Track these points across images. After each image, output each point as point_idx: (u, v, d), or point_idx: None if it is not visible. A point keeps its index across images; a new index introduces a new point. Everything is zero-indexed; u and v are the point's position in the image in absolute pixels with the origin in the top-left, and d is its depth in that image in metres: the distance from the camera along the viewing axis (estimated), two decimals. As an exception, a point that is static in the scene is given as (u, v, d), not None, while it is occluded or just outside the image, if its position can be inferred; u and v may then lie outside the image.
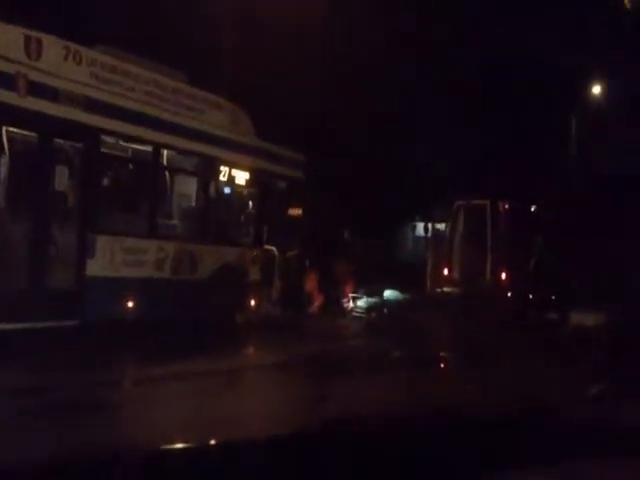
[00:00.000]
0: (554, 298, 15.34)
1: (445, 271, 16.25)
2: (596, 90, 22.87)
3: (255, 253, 10.64)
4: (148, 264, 8.75)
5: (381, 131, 18.31)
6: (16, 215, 7.48)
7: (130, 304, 8.38)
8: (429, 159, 19.19)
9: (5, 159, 7.22)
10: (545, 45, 18.08)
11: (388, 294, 15.53)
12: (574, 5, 17.60)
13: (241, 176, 10.41)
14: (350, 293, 14.58)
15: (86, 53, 8.07)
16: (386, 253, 19.58)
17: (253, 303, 10.58)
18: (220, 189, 10.31)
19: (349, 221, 17.40)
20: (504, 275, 15.18)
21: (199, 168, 9.95)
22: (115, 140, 8.57)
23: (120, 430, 5.10)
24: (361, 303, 14.56)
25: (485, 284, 15.06)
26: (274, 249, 11.04)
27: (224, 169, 10.07)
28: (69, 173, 8.00)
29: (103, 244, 8.10)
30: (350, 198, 16.93)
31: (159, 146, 8.95)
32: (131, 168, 9.48)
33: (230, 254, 10.19)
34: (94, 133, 8.03)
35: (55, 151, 7.85)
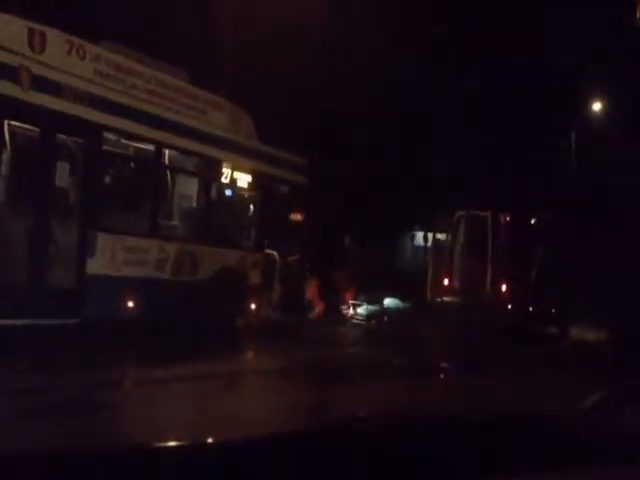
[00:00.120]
0: (554, 311, 15.26)
1: (445, 281, 16.21)
2: (596, 107, 22.96)
3: (256, 257, 10.55)
4: (149, 264, 8.67)
5: (381, 134, 18.30)
6: (17, 211, 7.43)
7: (130, 304, 8.29)
8: (429, 163, 19.19)
9: (6, 153, 7.15)
10: (548, 48, 18.16)
11: (388, 302, 15.44)
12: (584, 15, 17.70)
13: (243, 178, 10.34)
14: (350, 300, 14.48)
15: (90, 48, 8.04)
16: (385, 261, 19.48)
17: (253, 307, 10.47)
18: (222, 191, 10.23)
19: (349, 227, 17.32)
20: (504, 287, 15.12)
21: (201, 169, 9.89)
22: (117, 137, 8.51)
23: (119, 430, 4.99)
24: (361, 310, 14.46)
25: (485, 295, 15.00)
26: (275, 253, 10.95)
27: (226, 171, 10.01)
28: (71, 169, 7.92)
29: (104, 242, 8.02)
30: (350, 203, 16.86)
31: (161, 145, 8.89)
32: (133, 166, 9.41)
33: (231, 257, 10.09)
34: (96, 129, 7.98)
35: (57, 147, 7.79)
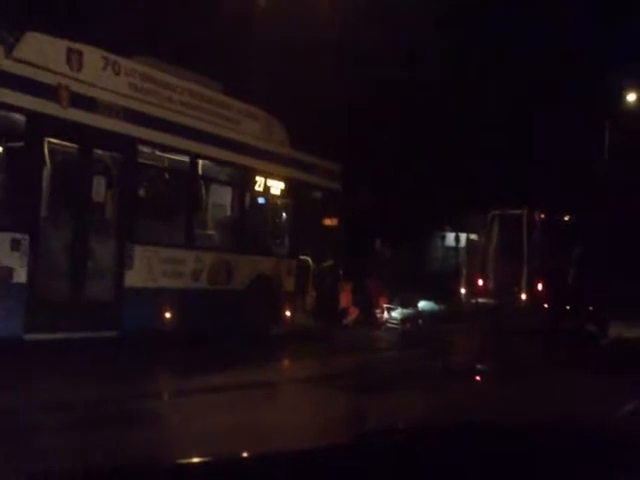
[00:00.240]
0: (592, 309, 14.99)
1: (480, 282, 16.04)
2: (631, 97, 22.52)
3: (290, 263, 10.56)
4: (185, 274, 8.72)
5: (410, 135, 18.17)
6: (56, 226, 7.51)
7: (167, 315, 8.35)
8: (460, 164, 18.98)
9: (46, 170, 7.26)
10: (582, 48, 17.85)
11: (423, 305, 15.34)
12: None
13: (276, 186, 10.36)
14: (384, 304, 14.40)
15: (124, 63, 8.12)
16: (417, 263, 19.35)
17: (288, 314, 10.48)
18: (255, 199, 10.28)
19: (380, 231, 17.23)
20: (541, 286, 14.92)
21: (235, 178, 9.93)
22: (152, 150, 8.59)
23: (158, 442, 5.03)
24: (395, 314, 14.38)
25: (521, 295, 14.81)
26: (309, 259, 10.95)
27: (259, 179, 10.04)
28: (107, 183, 8.02)
29: (141, 254, 8.08)
30: (381, 206, 16.78)
31: (196, 156, 8.95)
32: (168, 178, 9.49)
33: (265, 264, 10.12)
34: (132, 143, 8.06)
35: (94, 161, 7.90)
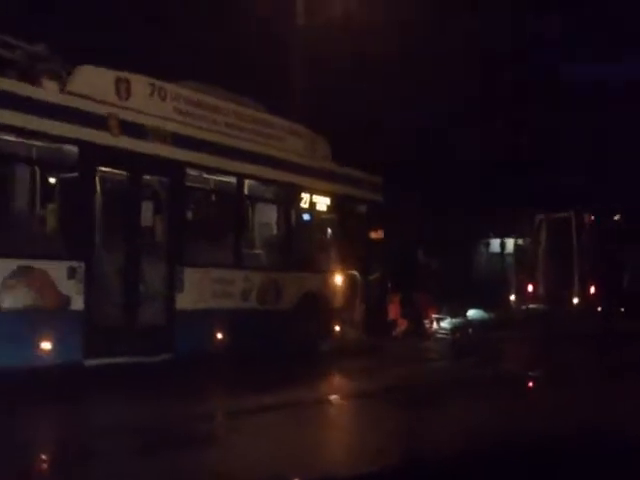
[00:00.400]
0: None
1: (529, 287, 15.78)
2: None
3: (337, 278, 10.52)
4: (235, 295, 8.75)
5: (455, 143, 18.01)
6: (109, 252, 7.57)
7: (218, 335, 8.40)
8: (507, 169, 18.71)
9: (97, 199, 7.36)
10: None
11: (472, 313, 15.15)
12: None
13: (321, 202, 10.35)
14: (433, 314, 14.24)
15: (170, 88, 8.21)
16: (463, 271, 19.11)
17: (337, 329, 10.45)
18: (301, 215, 10.26)
19: (423, 241, 17.06)
20: (593, 289, 14.60)
21: (280, 196, 9.95)
22: (199, 173, 8.64)
23: (221, 464, 5.06)
24: (445, 324, 14.21)
25: (572, 299, 14.51)
26: (356, 273, 10.89)
27: (305, 196, 10.05)
28: (157, 208, 8.12)
29: (191, 276, 8.14)
30: (424, 217, 16.65)
31: (242, 176, 8.99)
32: (214, 199, 9.55)
33: (313, 280, 10.11)
34: (179, 167, 8.13)
35: (143, 187, 7.96)
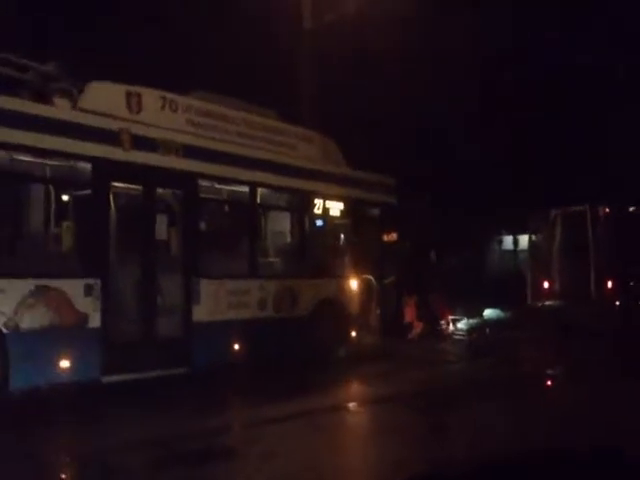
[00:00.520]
0: None
1: (545, 284, 15.61)
2: None
3: (353, 283, 10.46)
4: (251, 304, 8.71)
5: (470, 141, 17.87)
6: (124, 267, 7.54)
7: (236, 346, 8.37)
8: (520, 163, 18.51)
9: (111, 214, 7.33)
10: None
11: (488, 313, 15.03)
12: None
13: (335, 207, 10.28)
14: (449, 316, 14.14)
15: (181, 100, 8.16)
16: (477, 271, 18.98)
17: (353, 334, 10.39)
18: (315, 221, 10.19)
19: (434, 242, 16.95)
20: (610, 283, 14.40)
21: (294, 203, 9.88)
22: (212, 183, 8.59)
23: (243, 476, 5.04)
24: (461, 325, 14.10)
25: (590, 295, 14.34)
26: (371, 277, 10.81)
27: (318, 202, 9.97)
28: (171, 221, 8.06)
29: (207, 288, 8.10)
30: (438, 216, 16.55)
31: (255, 185, 8.92)
32: (228, 209, 9.50)
33: (329, 286, 10.05)
34: (192, 179, 8.08)
35: (156, 200, 7.90)
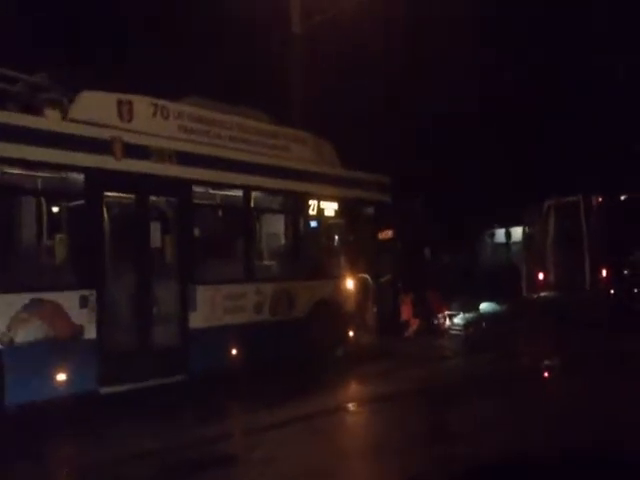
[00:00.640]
0: None
1: (540, 276, 15.68)
2: None
3: (349, 283, 10.46)
4: (248, 309, 8.67)
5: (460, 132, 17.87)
6: (119, 277, 7.46)
7: (233, 351, 8.34)
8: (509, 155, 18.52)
9: (105, 224, 7.24)
10: None
11: (484, 307, 15.06)
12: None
13: (329, 207, 10.23)
14: (445, 311, 14.16)
15: (172, 107, 8.08)
16: (470, 265, 19.01)
17: (351, 334, 10.40)
18: (310, 223, 10.12)
19: (428, 239, 16.96)
20: (605, 272, 14.49)
21: (288, 205, 9.81)
22: (205, 189, 8.50)
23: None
24: (458, 320, 14.11)
25: (584, 284, 14.41)
26: (367, 276, 10.80)
27: (312, 203, 9.92)
28: (165, 228, 7.97)
29: (203, 294, 8.05)
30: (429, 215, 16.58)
31: (248, 189, 8.85)
32: (223, 214, 9.40)
33: (325, 287, 10.03)
34: (186, 185, 8.00)
35: (150, 208, 7.82)
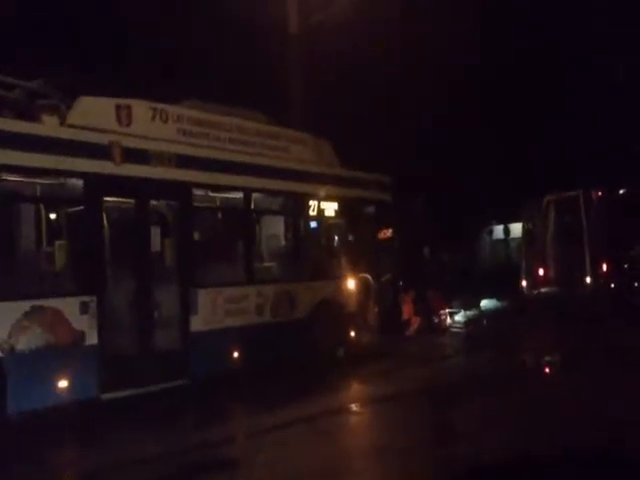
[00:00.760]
0: None
1: (540, 271, 15.70)
2: None
3: (350, 283, 10.44)
4: (249, 311, 8.63)
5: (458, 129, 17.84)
6: (120, 282, 7.42)
7: (234, 354, 8.32)
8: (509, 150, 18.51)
9: (105, 229, 7.20)
10: None
11: (485, 304, 15.07)
12: None
13: (329, 207, 10.18)
14: (446, 309, 14.15)
15: (171, 110, 8.03)
16: (470, 263, 19.03)
17: (352, 334, 10.38)
18: (310, 224, 10.08)
19: (427, 238, 16.95)
20: (605, 266, 14.52)
21: (288, 206, 9.77)
22: (205, 192, 8.47)
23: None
24: (459, 318, 14.12)
25: (585, 279, 14.43)
26: (368, 276, 10.78)
27: (313, 203, 9.87)
28: (165, 232, 7.91)
29: (204, 297, 8.01)
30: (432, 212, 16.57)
31: (248, 190, 8.81)
32: (223, 217, 9.37)
33: (326, 288, 10.01)
34: (185, 188, 7.95)
35: (150, 212, 7.76)
